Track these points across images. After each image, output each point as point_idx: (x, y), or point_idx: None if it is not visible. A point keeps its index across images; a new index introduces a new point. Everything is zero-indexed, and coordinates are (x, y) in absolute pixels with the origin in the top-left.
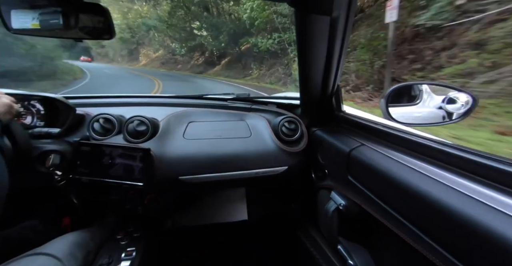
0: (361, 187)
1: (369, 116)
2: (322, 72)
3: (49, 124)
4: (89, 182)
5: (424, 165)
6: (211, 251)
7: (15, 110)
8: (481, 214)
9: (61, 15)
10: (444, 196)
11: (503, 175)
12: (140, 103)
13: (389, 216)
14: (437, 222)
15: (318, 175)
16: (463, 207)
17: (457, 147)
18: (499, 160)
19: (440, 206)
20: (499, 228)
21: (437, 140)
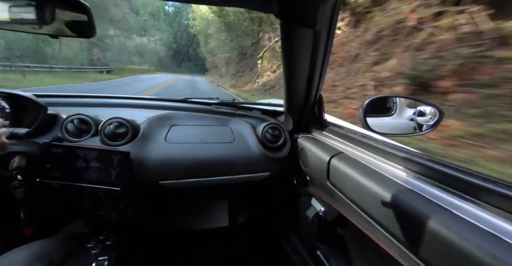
0: (340, 193)
1: (349, 126)
2: (305, 81)
3: (15, 124)
4: (60, 187)
5: (399, 173)
6: (190, 256)
7: None
8: (444, 220)
9: (35, 8)
10: (414, 203)
11: (470, 184)
12: (118, 105)
13: (365, 222)
14: (408, 228)
15: (300, 181)
16: (430, 213)
17: (429, 158)
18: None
19: (412, 212)
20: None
21: (410, 151)
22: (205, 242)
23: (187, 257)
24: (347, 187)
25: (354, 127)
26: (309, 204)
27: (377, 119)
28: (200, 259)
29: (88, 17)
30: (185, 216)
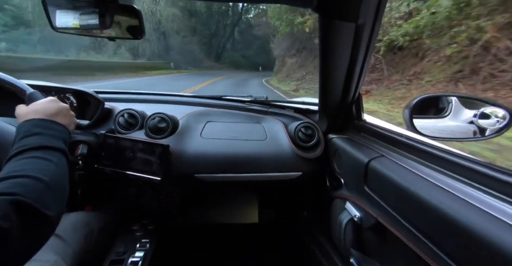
0: (378, 199)
1: (391, 127)
2: (343, 79)
3: (80, 117)
4: (111, 173)
5: (449, 181)
6: (219, 250)
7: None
8: (508, 236)
9: (98, 15)
10: (468, 215)
11: None
12: (162, 101)
13: (407, 231)
14: (458, 242)
15: (333, 184)
16: (488, 227)
17: (485, 164)
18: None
19: (462, 225)
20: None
21: (464, 156)
22: (233, 236)
23: (216, 250)
24: (388, 193)
25: (397, 128)
26: (342, 208)
27: (426, 121)
28: (227, 253)
29: (139, 21)
30: (217, 210)
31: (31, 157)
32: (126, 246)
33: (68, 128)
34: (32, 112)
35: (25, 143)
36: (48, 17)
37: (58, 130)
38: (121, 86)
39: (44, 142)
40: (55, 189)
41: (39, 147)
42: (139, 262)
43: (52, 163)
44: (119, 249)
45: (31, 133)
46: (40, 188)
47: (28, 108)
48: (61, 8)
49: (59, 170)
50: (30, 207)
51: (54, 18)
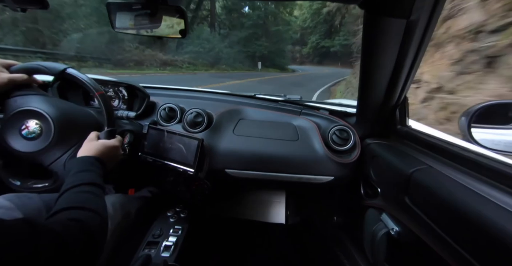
0: (421, 213)
1: (442, 136)
2: (387, 80)
3: (129, 108)
4: (151, 161)
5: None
6: (243, 245)
7: None
8: None
9: (149, 16)
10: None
11: None
12: (199, 97)
13: (455, 252)
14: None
15: (368, 192)
16: None
17: None
18: None
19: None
20: None
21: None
22: (259, 234)
23: (240, 245)
24: (434, 209)
25: (449, 137)
26: (377, 219)
27: (489, 131)
28: (251, 249)
29: (185, 20)
30: (244, 206)
31: (85, 191)
32: (161, 230)
33: (108, 167)
34: (94, 150)
35: (80, 178)
36: (110, 19)
37: (103, 169)
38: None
39: (94, 179)
40: (105, 220)
41: (90, 183)
42: (172, 246)
43: (101, 199)
44: (155, 232)
45: (85, 169)
46: (98, 221)
47: (94, 145)
48: (121, 11)
49: (105, 205)
50: (92, 236)
51: (114, 20)
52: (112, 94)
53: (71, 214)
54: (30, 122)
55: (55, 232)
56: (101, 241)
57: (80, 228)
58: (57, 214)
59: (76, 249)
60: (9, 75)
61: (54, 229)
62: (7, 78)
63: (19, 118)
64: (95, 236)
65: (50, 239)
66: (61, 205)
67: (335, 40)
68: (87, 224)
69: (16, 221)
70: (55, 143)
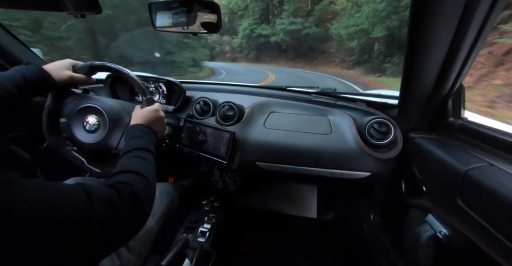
0: (477, 217)
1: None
2: (439, 66)
3: (168, 102)
4: (188, 152)
5: None
6: (274, 237)
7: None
8: None
9: (186, 13)
10: None
11: None
12: (231, 91)
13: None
14: None
15: (411, 191)
16: None
17: None
18: None
19: None
20: None
21: None
22: (289, 227)
23: (271, 236)
24: (493, 211)
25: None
26: (422, 220)
27: None
28: (280, 240)
29: (217, 16)
30: (275, 198)
31: (136, 156)
32: (197, 217)
33: (158, 134)
34: (140, 118)
35: (132, 144)
36: (151, 19)
37: (151, 135)
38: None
39: (144, 145)
40: (153, 185)
41: (141, 148)
42: (207, 232)
43: (150, 164)
44: (192, 218)
45: (136, 136)
46: (145, 184)
47: (139, 113)
48: (160, 10)
49: (153, 169)
50: (140, 198)
51: (155, 19)
52: (153, 89)
53: (121, 177)
54: (89, 117)
55: (106, 193)
56: (147, 202)
57: (128, 189)
58: (110, 178)
59: (126, 208)
60: (71, 74)
61: (104, 190)
62: (69, 76)
63: (80, 115)
64: (142, 197)
65: (101, 198)
66: (115, 170)
67: (277, 24)
68: (134, 186)
69: (73, 185)
70: (112, 129)
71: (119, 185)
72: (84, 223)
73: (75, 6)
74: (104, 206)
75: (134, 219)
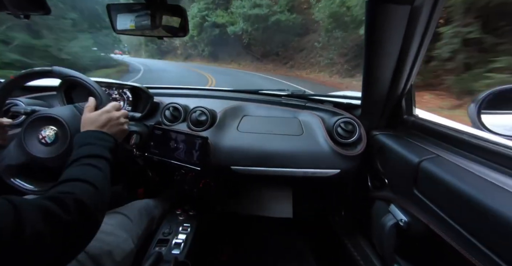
0: (430, 204)
1: (449, 123)
2: (392, 69)
3: (134, 109)
4: (158, 161)
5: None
6: (252, 241)
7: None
8: None
9: (150, 16)
10: None
11: None
12: (203, 95)
13: (465, 242)
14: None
15: (375, 184)
16: None
17: None
18: None
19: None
20: None
21: None
22: (267, 229)
23: (249, 240)
24: (443, 198)
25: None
26: (386, 211)
27: (500, 117)
28: (259, 244)
29: (184, 19)
30: (252, 202)
31: (84, 164)
32: (170, 228)
33: (116, 138)
34: (89, 123)
35: (80, 152)
36: (111, 21)
37: (106, 140)
38: None
39: (95, 151)
40: (102, 192)
41: (91, 155)
42: (181, 243)
43: (99, 171)
44: (165, 230)
45: (85, 143)
46: (92, 191)
47: (88, 118)
48: (121, 12)
49: (105, 175)
50: (86, 206)
51: (115, 22)
52: (117, 96)
53: (62, 188)
54: (46, 129)
55: (41, 204)
56: (96, 210)
57: (70, 198)
58: (50, 190)
59: (71, 218)
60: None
61: (39, 202)
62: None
63: (36, 125)
64: (88, 205)
65: (34, 211)
66: (57, 181)
67: (236, 8)
68: (78, 194)
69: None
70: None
71: (60, 195)
72: (13, 239)
73: (17, 5)
74: (39, 219)
75: (83, 229)
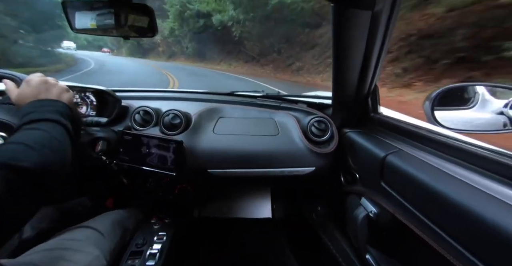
0: (396, 195)
1: (409, 120)
2: (358, 70)
3: (99, 114)
4: (128, 168)
5: (472, 175)
6: (233, 244)
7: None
8: None
9: (114, 15)
10: (494, 211)
11: None
12: (175, 98)
13: (427, 228)
14: (482, 239)
15: (348, 179)
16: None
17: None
18: None
19: (487, 221)
20: None
21: (492, 149)
22: (247, 231)
23: (230, 244)
24: (406, 188)
25: (416, 121)
26: (358, 204)
27: (450, 113)
28: (241, 246)
29: (151, 19)
30: (231, 205)
31: (23, 129)
32: (144, 239)
33: (62, 99)
34: (22, 103)
35: (19, 123)
36: (67, 19)
37: (47, 105)
38: None
39: (34, 117)
40: (37, 147)
41: (30, 121)
42: (157, 254)
43: (38, 130)
44: (138, 241)
45: (24, 114)
46: (17, 148)
47: (15, 100)
48: (80, 10)
49: (46, 134)
50: (18, 167)
51: (73, 20)
52: (79, 100)
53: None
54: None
55: None
56: (26, 162)
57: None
58: None
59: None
60: None
61: None
62: None
63: None
64: (11, 162)
65: None
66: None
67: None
68: (4, 156)
69: None
70: None
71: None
72: None
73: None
74: None
75: (19, 192)
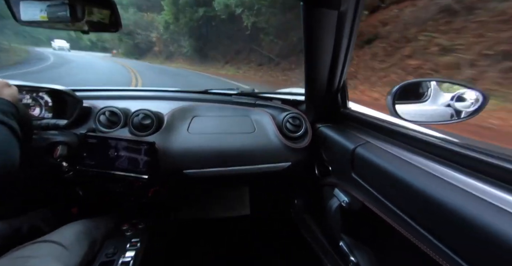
0: (365, 184)
1: (375, 114)
2: (328, 67)
3: (57, 116)
4: (95, 174)
5: (431, 163)
6: (213, 244)
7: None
8: (489, 214)
9: (68, 7)
10: (450, 196)
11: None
12: (145, 97)
13: (393, 214)
14: (442, 222)
15: (322, 172)
16: (469, 207)
17: (466, 146)
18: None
19: (445, 205)
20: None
21: (446, 138)
22: (227, 229)
23: (210, 244)
24: (373, 178)
25: (381, 115)
26: (331, 195)
27: (408, 106)
28: (221, 246)
29: (113, 12)
30: (209, 204)
31: None
32: (115, 247)
33: (4, 97)
34: None
35: None
36: (10, 9)
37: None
38: None
39: None
40: None
41: None
42: (130, 261)
43: None
44: (108, 251)
45: None
46: None
47: None
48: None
49: None
50: None
51: (18, 10)
52: (30, 101)
53: None
54: None
55: None
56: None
57: None
58: None
59: None
60: None
61: None
62: None
63: None
64: None
65: None
66: None
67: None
68: None
69: None
70: None
71: None
72: None
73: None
74: None
75: None
